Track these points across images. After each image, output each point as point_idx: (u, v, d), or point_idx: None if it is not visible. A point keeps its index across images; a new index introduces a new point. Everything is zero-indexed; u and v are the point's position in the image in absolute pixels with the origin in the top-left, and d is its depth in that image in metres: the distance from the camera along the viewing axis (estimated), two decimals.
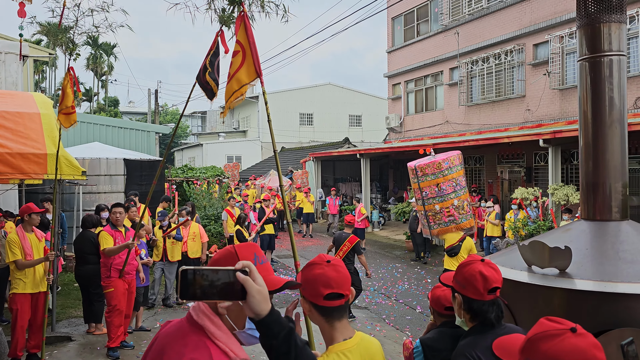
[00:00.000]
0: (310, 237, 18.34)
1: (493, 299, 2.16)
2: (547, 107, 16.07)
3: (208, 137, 43.50)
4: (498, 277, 2.16)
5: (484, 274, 2.14)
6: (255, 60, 4.05)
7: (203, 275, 1.37)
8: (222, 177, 18.72)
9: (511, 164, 17.38)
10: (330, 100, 38.27)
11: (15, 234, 6.06)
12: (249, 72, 4.10)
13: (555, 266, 2.45)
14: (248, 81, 4.12)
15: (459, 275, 2.23)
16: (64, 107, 6.48)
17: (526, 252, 2.56)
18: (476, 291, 2.15)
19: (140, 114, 52.69)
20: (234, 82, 4.17)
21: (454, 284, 2.27)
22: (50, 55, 28.71)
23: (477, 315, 2.17)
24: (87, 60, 46.63)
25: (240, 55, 4.12)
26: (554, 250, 2.43)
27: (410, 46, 22.38)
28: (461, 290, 2.21)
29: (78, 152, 12.45)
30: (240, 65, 4.12)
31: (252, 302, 1.37)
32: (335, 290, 1.82)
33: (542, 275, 2.49)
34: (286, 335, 1.41)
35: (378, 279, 11.82)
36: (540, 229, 11.70)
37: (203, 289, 1.36)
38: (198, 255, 9.36)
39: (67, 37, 7.09)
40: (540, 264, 2.50)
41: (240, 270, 1.38)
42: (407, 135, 22.52)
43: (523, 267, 2.62)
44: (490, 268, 2.16)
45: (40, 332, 6.08)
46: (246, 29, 4.09)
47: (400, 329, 8.42)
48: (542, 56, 16.29)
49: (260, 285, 1.39)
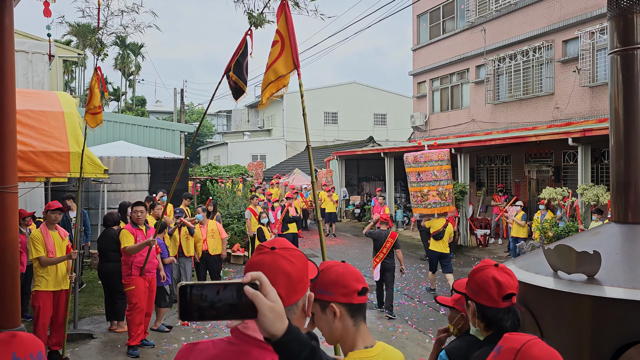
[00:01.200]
0: (333, 237, 18.24)
1: (508, 306, 2.03)
2: (576, 105, 15.65)
3: (233, 136, 43.79)
4: (513, 283, 2.03)
5: (498, 280, 2.01)
6: (293, 51, 3.95)
7: (206, 291, 1.17)
8: (246, 176, 18.78)
9: (539, 163, 16.99)
10: (355, 99, 38.10)
11: (39, 232, 6.12)
12: (286, 63, 3.99)
13: (583, 272, 2.31)
14: (285, 72, 4.01)
15: (471, 281, 2.11)
16: (92, 107, 6.52)
17: (552, 257, 2.41)
18: (490, 298, 2.02)
19: (167, 113, 53.36)
20: (270, 72, 4.07)
21: (466, 290, 2.15)
22: (79, 55, 29.27)
23: (492, 324, 2.04)
24: (115, 60, 47.41)
25: (279, 45, 4.01)
26: (581, 254, 2.28)
27: (435, 44, 22.09)
28: (474, 297, 2.09)
29: (103, 150, 12.61)
30: (278, 55, 4.02)
31: (264, 321, 1.17)
32: (364, 285, 1.78)
33: (569, 281, 2.34)
34: (309, 355, 1.21)
35: (401, 279, 11.65)
36: (569, 230, 11.38)
37: (207, 307, 1.17)
38: (219, 252, 9.36)
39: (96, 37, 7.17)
40: (567, 269, 2.35)
41: (249, 283, 1.19)
42: (432, 134, 22.23)
43: (548, 272, 2.47)
44: (504, 273, 2.03)
45: (61, 329, 6.13)
46: (287, 18, 4.00)
47: (423, 330, 8.27)
48: (571, 53, 15.87)
49: (273, 300, 1.20)
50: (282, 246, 1.47)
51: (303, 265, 1.47)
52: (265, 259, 1.43)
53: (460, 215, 15.30)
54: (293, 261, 1.45)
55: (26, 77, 10.02)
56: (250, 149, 36.50)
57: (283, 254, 1.44)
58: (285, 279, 1.40)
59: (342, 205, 22.97)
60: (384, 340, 6.63)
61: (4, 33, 6.18)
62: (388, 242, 8.59)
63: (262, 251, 1.46)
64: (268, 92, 4.15)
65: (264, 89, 4.13)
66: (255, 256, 1.45)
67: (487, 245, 15.22)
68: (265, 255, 1.44)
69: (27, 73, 10.02)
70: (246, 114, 47.69)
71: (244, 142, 37.73)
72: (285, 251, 1.46)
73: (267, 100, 4.27)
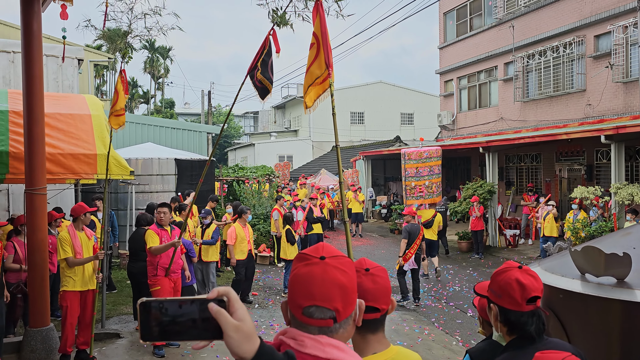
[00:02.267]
0: (359, 237, 18.14)
1: (533, 309, 1.93)
2: (609, 101, 15.20)
3: (260, 137, 44.04)
4: (537, 286, 1.93)
5: (522, 282, 1.91)
6: (326, 51, 3.91)
7: (167, 309, 1.07)
8: (272, 177, 18.82)
9: (571, 162, 16.57)
10: (382, 98, 37.87)
11: (67, 232, 6.22)
12: (320, 64, 3.96)
13: (613, 274, 2.20)
14: (320, 73, 3.97)
15: (493, 283, 2.01)
16: (117, 109, 6.61)
17: (579, 259, 2.31)
18: (513, 301, 1.93)
19: (195, 115, 53.99)
20: (308, 76, 4.05)
21: (489, 293, 2.05)
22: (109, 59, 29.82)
23: (516, 328, 1.95)
24: (144, 63, 48.20)
25: (315, 47, 3.98)
26: (610, 256, 2.17)
27: (462, 41, 21.77)
28: (497, 301, 1.99)
29: (132, 152, 12.81)
30: (315, 57, 3.99)
31: (230, 342, 1.06)
32: (369, 304, 1.62)
33: (597, 284, 2.23)
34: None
35: (428, 280, 11.51)
36: (602, 231, 11.05)
37: (168, 323, 1.07)
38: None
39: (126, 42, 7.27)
40: (595, 272, 2.24)
41: (215, 300, 1.09)
42: (460, 133, 21.92)
43: (575, 274, 2.36)
44: (528, 275, 1.93)
45: (89, 329, 6.23)
46: (321, 19, 3.96)
47: (450, 333, 8.13)
48: (604, 48, 15.42)
49: (240, 319, 1.08)
50: (330, 254, 1.34)
51: (354, 272, 1.36)
52: (314, 270, 1.30)
53: (488, 215, 15.03)
54: (345, 270, 1.33)
55: (56, 81, 10.23)
56: (277, 150, 36.63)
57: (334, 263, 1.32)
58: (341, 291, 1.29)
59: (368, 205, 22.84)
60: (409, 342, 6.49)
61: (32, 38, 6.32)
62: (422, 235, 9.62)
63: (309, 262, 1.32)
64: (313, 94, 4.08)
65: (306, 92, 4.08)
66: (303, 267, 1.32)
67: (516, 246, 14.91)
68: (314, 266, 1.30)
69: (58, 77, 10.23)
70: (273, 114, 47.91)
71: (270, 142, 37.90)
72: (335, 260, 1.33)
73: (313, 102, 4.20)
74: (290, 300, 1.32)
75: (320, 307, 1.27)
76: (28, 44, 6.26)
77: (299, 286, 1.29)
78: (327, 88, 3.92)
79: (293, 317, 1.32)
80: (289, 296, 1.33)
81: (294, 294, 1.30)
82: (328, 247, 1.37)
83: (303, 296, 1.28)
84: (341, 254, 1.36)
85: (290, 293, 1.32)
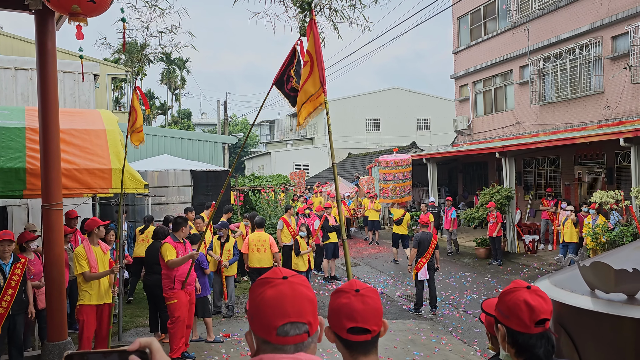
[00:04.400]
0: (376, 245, 18.05)
1: (542, 331, 1.89)
2: (628, 103, 14.94)
3: (276, 146, 44.19)
4: (547, 307, 1.88)
5: (530, 304, 1.86)
6: (319, 69, 3.96)
7: (91, 357, 1.08)
8: (288, 185, 18.86)
9: (590, 165, 16.30)
10: (397, 104, 37.77)
11: (82, 247, 6.30)
12: (314, 82, 4.01)
13: (622, 291, 2.14)
14: (313, 92, 4.03)
15: (501, 304, 1.97)
16: (137, 127, 6.67)
17: (588, 274, 2.25)
18: (521, 323, 1.88)
19: (212, 125, 54.42)
20: (302, 94, 4.11)
21: (496, 313, 2.01)
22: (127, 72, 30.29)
23: (524, 351, 1.90)
24: (161, 75, 48.80)
25: (309, 65, 4.04)
26: (619, 272, 2.11)
27: (477, 45, 21.63)
28: (504, 321, 1.95)
29: (148, 164, 12.94)
30: (308, 76, 4.04)
31: None
32: (359, 325, 1.62)
33: (607, 301, 2.18)
34: None
35: (445, 288, 11.39)
36: (623, 235, 10.83)
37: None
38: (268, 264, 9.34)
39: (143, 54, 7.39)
40: (605, 288, 2.19)
41: (137, 351, 1.06)
42: (476, 138, 21.72)
43: (586, 290, 2.31)
44: (537, 296, 1.88)
45: (105, 342, 6.28)
46: (314, 37, 4.01)
47: (468, 342, 8.01)
48: (621, 49, 15.18)
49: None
50: (290, 274, 1.43)
51: (311, 289, 1.45)
52: (283, 289, 1.36)
53: (507, 220, 14.84)
54: (308, 286, 1.42)
55: (73, 96, 10.40)
56: (293, 158, 36.71)
57: (297, 280, 1.40)
58: (310, 305, 1.38)
59: (385, 212, 22.72)
60: (426, 353, 6.42)
61: (47, 56, 6.43)
62: (433, 244, 9.41)
63: (273, 283, 1.38)
64: (305, 112, 4.15)
65: (299, 110, 4.12)
66: (269, 289, 1.37)
67: (536, 252, 14.68)
68: (281, 286, 1.37)
69: (74, 93, 10.40)
70: (289, 122, 48.07)
71: (287, 151, 38.00)
72: (297, 277, 1.42)
73: (304, 120, 4.26)
74: (260, 326, 1.34)
75: (295, 323, 1.32)
76: (43, 63, 6.38)
77: (270, 308, 1.32)
78: (319, 105, 3.95)
79: (265, 342, 1.34)
80: (256, 323, 1.35)
81: (265, 317, 1.33)
82: (283, 269, 1.45)
83: (276, 316, 1.32)
84: (295, 272, 1.46)
85: (258, 318, 1.34)
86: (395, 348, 7.47)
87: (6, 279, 5.64)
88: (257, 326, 1.35)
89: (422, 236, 9.47)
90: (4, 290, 5.56)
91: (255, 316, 1.34)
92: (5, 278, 5.64)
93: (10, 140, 6.85)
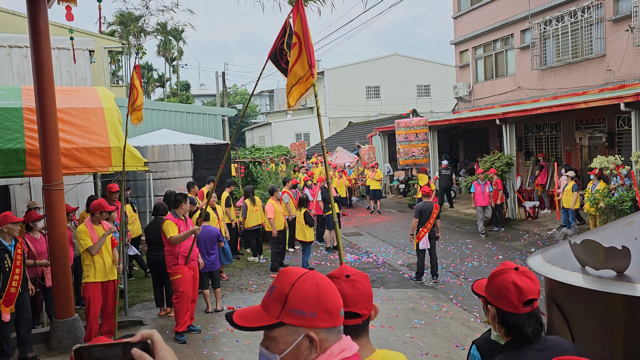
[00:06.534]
0: (378, 214, 18.17)
1: (530, 311, 1.94)
2: (630, 66, 14.78)
3: (276, 116, 44.00)
4: (534, 288, 1.93)
5: (518, 285, 1.92)
6: (307, 51, 3.93)
7: (93, 353, 1.09)
8: (289, 156, 18.85)
9: (591, 129, 16.23)
10: (397, 71, 37.38)
11: (84, 226, 6.36)
12: (303, 64, 3.99)
13: (612, 267, 2.18)
14: (303, 74, 4.01)
15: (491, 285, 2.03)
16: (138, 105, 6.64)
17: (579, 251, 2.29)
18: (510, 304, 1.94)
19: (211, 96, 54.08)
20: (291, 76, 4.09)
21: (486, 294, 2.06)
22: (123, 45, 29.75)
23: (513, 330, 1.96)
24: (157, 47, 48.21)
25: (297, 47, 4.01)
26: (609, 249, 2.15)
27: (477, 10, 21.28)
28: (494, 302, 2.01)
29: (148, 139, 12.92)
30: (297, 58, 4.02)
31: None
32: (349, 309, 1.67)
33: (597, 277, 2.22)
34: None
35: (446, 256, 11.51)
36: (623, 200, 10.87)
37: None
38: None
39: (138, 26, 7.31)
40: (595, 265, 2.23)
41: (139, 343, 1.09)
42: (477, 104, 21.59)
43: (577, 266, 2.35)
44: (525, 277, 1.94)
45: (112, 318, 6.41)
46: (302, 19, 3.96)
47: (469, 309, 8.15)
48: (623, 10, 14.93)
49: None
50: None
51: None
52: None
53: (508, 187, 14.89)
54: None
55: (69, 73, 10.32)
56: (294, 128, 36.60)
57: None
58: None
59: (386, 181, 22.78)
60: (427, 321, 6.54)
61: (40, 35, 6.37)
62: (434, 214, 9.44)
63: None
64: (296, 93, 4.14)
65: (289, 92, 4.11)
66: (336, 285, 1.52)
67: (536, 217, 14.77)
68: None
69: (70, 69, 10.32)
70: None
71: (287, 121, 37.85)
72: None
73: (296, 102, 4.25)
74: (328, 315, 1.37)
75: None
76: (37, 43, 6.33)
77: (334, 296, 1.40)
78: (310, 87, 3.93)
79: (330, 330, 1.36)
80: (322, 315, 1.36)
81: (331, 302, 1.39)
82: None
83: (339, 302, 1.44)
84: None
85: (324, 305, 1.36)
86: (397, 317, 7.61)
87: (12, 259, 5.73)
88: (322, 317, 1.34)
89: (424, 206, 9.50)
90: (12, 271, 5.66)
91: (319, 308, 1.34)
92: (12, 259, 5.73)
93: (7, 121, 6.85)
